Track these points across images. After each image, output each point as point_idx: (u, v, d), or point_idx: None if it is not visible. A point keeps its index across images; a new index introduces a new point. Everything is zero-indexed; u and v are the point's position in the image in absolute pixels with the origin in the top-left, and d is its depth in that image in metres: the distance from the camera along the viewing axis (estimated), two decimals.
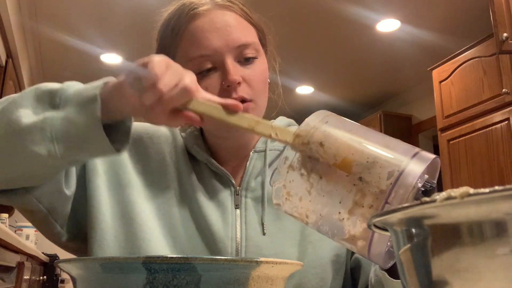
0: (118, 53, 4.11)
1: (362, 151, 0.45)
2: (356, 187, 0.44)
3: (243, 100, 0.74)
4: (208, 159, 0.82)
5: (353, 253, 0.82)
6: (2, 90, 3.20)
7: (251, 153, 0.84)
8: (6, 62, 3.30)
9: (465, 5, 3.33)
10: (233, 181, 0.81)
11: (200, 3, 0.77)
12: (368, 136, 0.48)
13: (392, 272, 0.62)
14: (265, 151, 0.84)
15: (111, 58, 4.20)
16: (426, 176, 0.46)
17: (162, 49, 0.82)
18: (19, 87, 3.86)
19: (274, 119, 0.92)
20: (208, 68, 0.75)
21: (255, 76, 0.77)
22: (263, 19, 0.84)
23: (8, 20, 2.95)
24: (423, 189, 0.45)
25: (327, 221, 0.46)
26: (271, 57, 0.87)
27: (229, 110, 0.57)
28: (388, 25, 3.63)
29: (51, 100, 0.61)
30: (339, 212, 0.45)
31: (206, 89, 0.74)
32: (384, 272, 0.62)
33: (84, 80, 0.67)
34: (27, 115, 0.59)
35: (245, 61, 0.76)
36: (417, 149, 0.45)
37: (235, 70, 0.74)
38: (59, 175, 0.70)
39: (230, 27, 0.76)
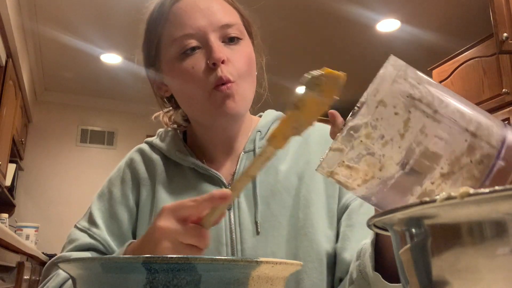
0: (118, 53, 4.11)
1: (467, 104, 0.39)
2: (466, 139, 0.37)
3: (227, 81, 0.73)
4: (194, 162, 0.81)
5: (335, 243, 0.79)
6: (2, 90, 3.20)
7: (241, 154, 0.83)
8: (6, 62, 3.30)
9: (465, 5, 3.33)
10: (224, 181, 0.80)
11: None
12: (457, 96, 0.41)
13: (385, 274, 0.59)
14: (254, 150, 0.83)
15: (111, 58, 4.21)
16: None
17: (148, 37, 0.82)
18: (19, 87, 3.86)
19: (261, 110, 0.91)
20: (192, 46, 0.75)
21: (239, 57, 0.76)
22: (248, 11, 0.85)
23: (8, 20, 2.95)
24: None
25: (412, 177, 0.38)
26: (258, 51, 0.87)
27: (224, 200, 0.56)
28: (388, 25, 3.63)
29: None
30: (441, 167, 0.37)
31: (192, 68, 0.74)
32: (378, 274, 0.59)
33: (84, 80, 0.67)
34: None
35: (230, 41, 0.76)
36: (500, 120, 0.41)
37: (219, 48, 0.74)
38: None
39: (213, 8, 0.77)
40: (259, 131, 0.85)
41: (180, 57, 0.75)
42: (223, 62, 0.73)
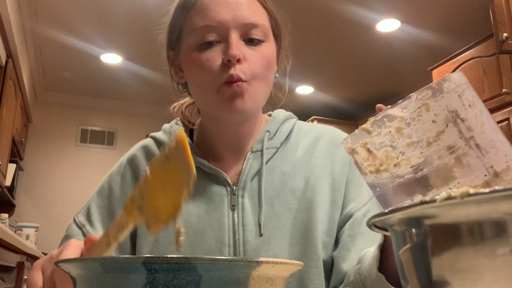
0: (118, 53, 4.11)
1: (502, 145, 0.39)
2: (485, 175, 0.37)
3: (238, 79, 0.72)
4: (200, 161, 0.80)
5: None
6: (2, 90, 3.20)
7: (248, 154, 0.82)
8: (6, 62, 3.30)
9: (465, 5, 3.33)
10: (229, 181, 0.79)
11: None
12: (503, 134, 0.41)
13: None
14: (261, 150, 0.82)
15: (111, 58, 4.21)
16: None
17: (173, 20, 0.81)
18: (19, 87, 3.86)
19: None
20: (211, 40, 0.74)
21: (257, 58, 0.75)
22: (280, 12, 0.83)
23: (8, 20, 2.95)
24: None
25: (420, 185, 0.39)
26: (284, 55, 0.85)
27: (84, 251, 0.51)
28: (388, 25, 3.63)
29: None
30: (449, 188, 0.37)
31: (207, 60, 0.73)
32: (381, 275, 0.59)
33: (84, 80, 0.67)
34: None
35: (251, 41, 0.75)
36: None
37: (237, 46, 0.73)
38: None
39: (241, 4, 0.75)
40: (268, 131, 0.84)
41: (198, 48, 0.74)
42: (238, 60, 0.72)
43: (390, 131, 0.40)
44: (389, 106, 0.41)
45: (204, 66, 0.73)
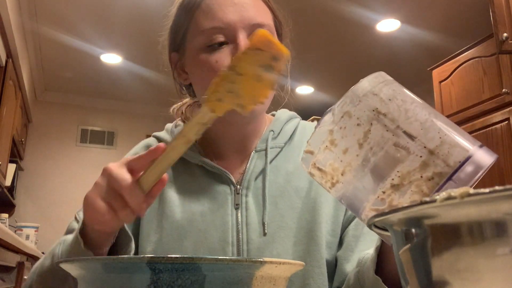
0: (118, 53, 4.11)
1: (433, 123, 0.41)
2: (420, 156, 0.39)
3: None
4: (202, 159, 0.80)
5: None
6: (2, 90, 3.20)
7: (252, 153, 0.82)
8: (6, 62, 3.30)
9: (465, 5, 3.33)
10: (233, 180, 0.79)
11: None
12: (436, 114, 0.43)
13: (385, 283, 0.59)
14: (265, 149, 0.82)
15: (111, 58, 4.21)
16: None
17: (177, 21, 0.80)
18: (19, 87, 3.86)
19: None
20: (219, 41, 0.73)
21: None
22: (282, 11, 0.83)
23: (8, 20, 2.95)
24: None
25: (368, 184, 0.41)
26: None
27: (159, 153, 0.54)
28: (388, 25, 3.63)
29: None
30: (392, 179, 0.39)
31: (216, 62, 0.73)
32: (378, 277, 0.59)
33: (84, 80, 0.67)
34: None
35: None
36: (480, 142, 0.42)
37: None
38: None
39: (247, 5, 0.75)
40: (272, 130, 0.84)
41: (206, 49, 0.74)
42: None
43: (326, 146, 0.43)
44: (316, 124, 0.45)
45: (213, 68, 0.73)
